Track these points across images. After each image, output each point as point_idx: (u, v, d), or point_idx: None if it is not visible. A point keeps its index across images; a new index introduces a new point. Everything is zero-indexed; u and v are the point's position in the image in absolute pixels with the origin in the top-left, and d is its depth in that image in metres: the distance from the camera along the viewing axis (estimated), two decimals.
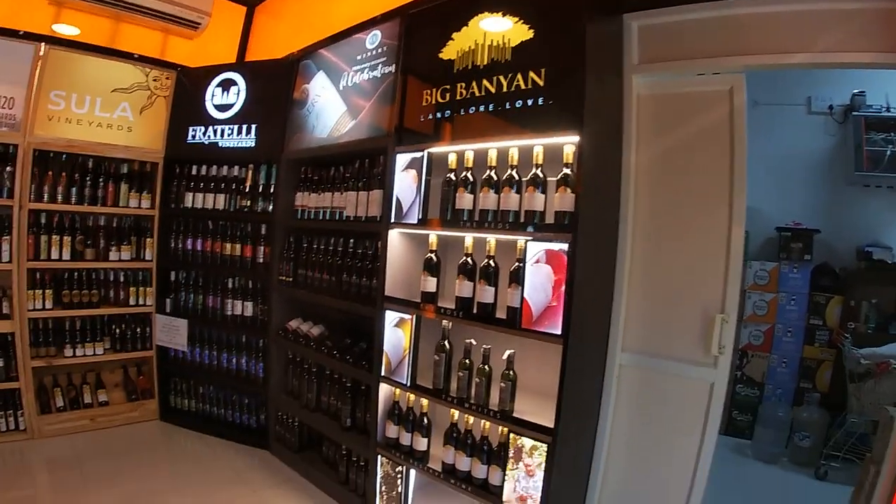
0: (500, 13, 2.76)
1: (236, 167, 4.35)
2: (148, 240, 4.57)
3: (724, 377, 2.62)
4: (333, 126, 3.70)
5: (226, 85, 4.38)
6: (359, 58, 3.58)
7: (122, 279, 4.49)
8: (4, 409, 4.00)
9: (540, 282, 2.48)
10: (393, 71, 3.30)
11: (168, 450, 4.19)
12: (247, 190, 4.24)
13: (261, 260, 4.19)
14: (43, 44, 4.04)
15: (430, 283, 2.96)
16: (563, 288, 2.40)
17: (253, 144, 4.23)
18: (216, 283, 4.41)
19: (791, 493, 2.35)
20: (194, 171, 4.48)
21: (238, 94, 4.31)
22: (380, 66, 3.42)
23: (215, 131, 4.40)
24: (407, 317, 3.07)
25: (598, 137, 2.53)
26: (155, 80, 4.54)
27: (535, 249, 2.49)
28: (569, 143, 2.44)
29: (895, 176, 4.97)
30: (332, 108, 3.74)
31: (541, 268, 2.48)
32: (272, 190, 4.14)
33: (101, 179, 4.36)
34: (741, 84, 2.60)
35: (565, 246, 2.40)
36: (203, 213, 4.41)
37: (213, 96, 4.42)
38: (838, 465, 4.32)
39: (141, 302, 4.55)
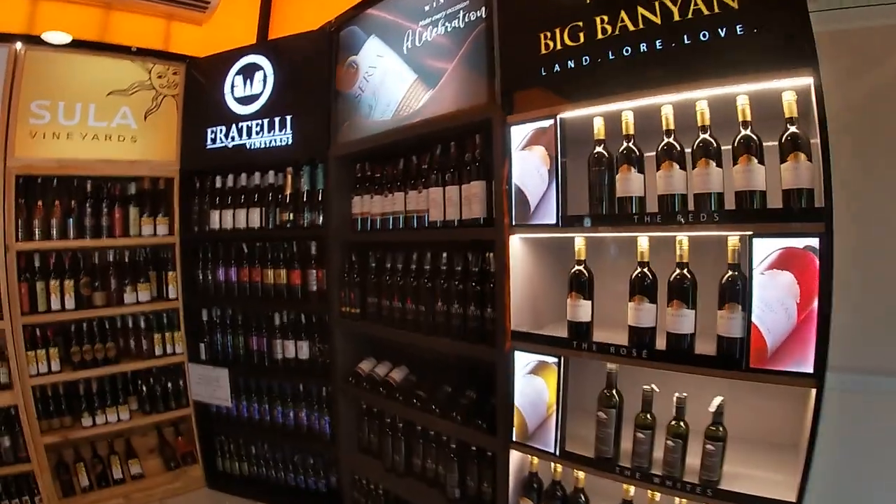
0: None
1: (271, 173, 3.56)
2: (170, 274, 3.87)
3: None
4: (401, 103, 2.85)
5: (248, 72, 3.61)
6: (427, 8, 2.74)
7: (143, 325, 3.81)
8: (18, 496, 3.36)
9: (777, 297, 1.71)
10: (485, 14, 2.47)
11: None
12: (287, 200, 3.43)
13: (314, 287, 3.37)
14: (18, 44, 3.35)
15: (583, 310, 2.12)
16: (816, 304, 1.65)
17: (290, 141, 3.42)
18: (259, 321, 3.66)
19: None
20: (219, 184, 3.75)
21: (264, 80, 3.54)
22: (461, 12, 2.58)
23: (240, 130, 3.61)
24: (549, 360, 2.22)
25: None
26: (160, 77, 3.81)
27: (767, 249, 1.71)
28: (791, 87, 1.70)
29: None
30: (395, 81, 2.89)
31: (777, 277, 1.70)
32: (320, 197, 3.32)
33: (104, 205, 3.66)
34: None
35: (814, 241, 1.65)
36: (235, 235, 3.66)
37: (234, 87, 3.66)
38: None
39: (169, 350, 3.86)
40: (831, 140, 1.65)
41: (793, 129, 1.70)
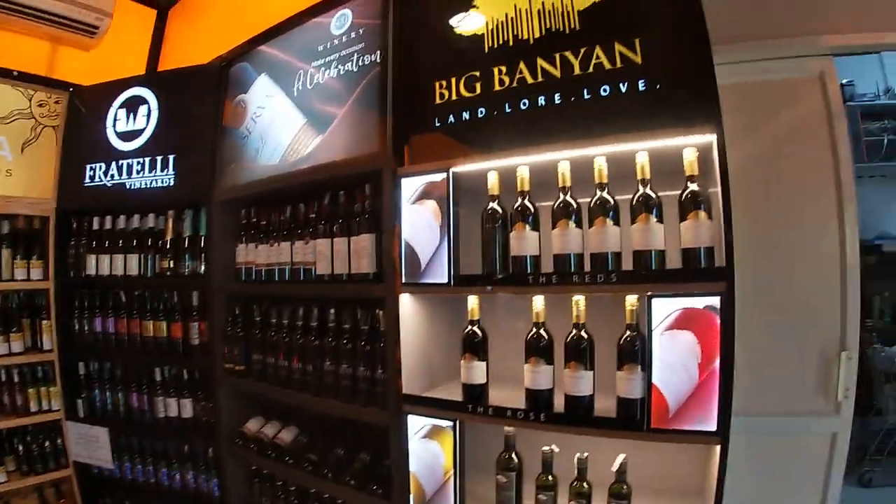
0: None
1: (152, 216, 3.27)
2: (44, 322, 3.49)
3: (847, 425, 2.32)
4: (289, 147, 2.67)
5: (132, 105, 3.33)
6: (321, 48, 2.60)
7: (15, 378, 3.45)
8: None
9: (678, 357, 1.68)
10: (379, 59, 2.35)
11: None
12: (168, 246, 3.16)
13: (196, 341, 3.10)
14: None
15: (478, 371, 2.02)
16: (717, 363, 1.64)
17: (172, 182, 3.15)
18: (140, 376, 3.32)
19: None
20: (96, 225, 3.39)
21: (148, 115, 3.28)
22: (355, 55, 2.45)
23: (121, 168, 3.32)
24: (444, 424, 2.09)
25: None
26: (41, 106, 3.52)
27: (666, 309, 1.68)
28: (692, 144, 1.69)
29: (892, 165, 4.92)
30: (284, 123, 2.71)
31: (678, 337, 1.67)
32: (202, 244, 3.08)
33: None
34: (832, 69, 2.30)
35: (714, 301, 1.62)
36: (113, 282, 3.33)
37: (117, 121, 3.36)
38: (881, 470, 4.30)
39: (45, 406, 3.49)
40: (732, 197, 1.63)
41: (693, 186, 1.69)
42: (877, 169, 4.96)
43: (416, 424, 2.16)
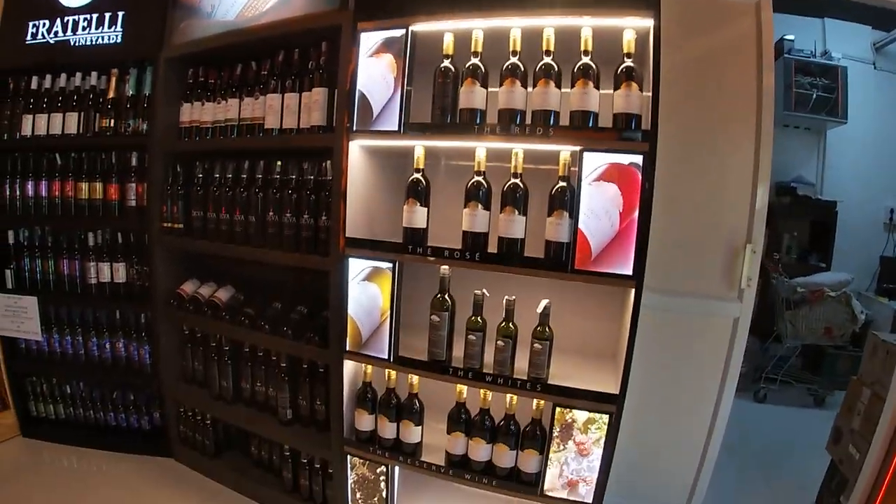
0: None
1: (94, 74, 3.09)
2: None
3: (748, 311, 2.48)
4: (246, 4, 2.61)
5: None
6: None
7: None
8: None
9: (602, 206, 1.87)
10: None
11: (37, 473, 3.10)
12: (109, 105, 3.03)
13: (133, 203, 3.02)
14: None
15: (419, 216, 2.12)
16: (636, 214, 1.84)
17: (119, 39, 3.00)
18: (72, 241, 3.21)
19: (735, 416, 2.60)
20: (35, 85, 3.19)
21: None
22: None
23: (65, 25, 3.11)
24: (384, 265, 2.18)
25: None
26: None
27: (596, 163, 1.86)
28: (631, 27, 1.86)
29: (816, 117, 5.34)
30: None
31: (604, 188, 1.86)
32: (146, 104, 2.97)
33: None
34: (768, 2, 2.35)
35: (638, 159, 1.82)
36: (48, 143, 3.13)
37: None
38: (776, 388, 4.74)
39: None
40: (662, 76, 1.79)
41: (629, 62, 1.84)
42: (801, 120, 5.41)
43: (357, 267, 2.24)
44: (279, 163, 2.49)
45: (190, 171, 2.85)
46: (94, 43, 3.06)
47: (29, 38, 3.20)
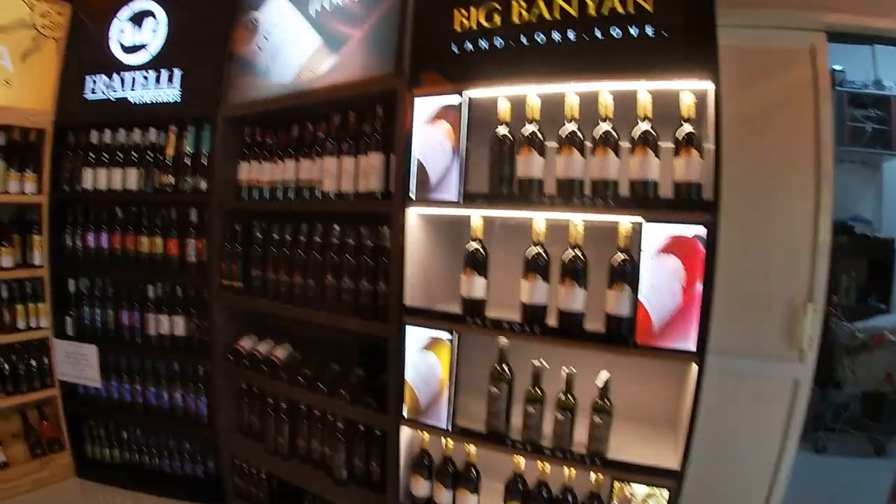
0: None
1: (153, 131, 3.22)
2: (35, 237, 3.43)
3: (809, 372, 2.41)
4: (303, 66, 2.67)
5: (139, 18, 3.26)
6: None
7: (3, 294, 3.34)
8: None
9: (664, 280, 1.81)
10: None
11: None
12: (169, 162, 3.13)
13: (193, 258, 3.11)
14: None
15: (478, 286, 2.11)
16: (700, 287, 1.78)
17: (177, 98, 3.12)
18: (132, 293, 3.32)
19: (796, 469, 2.49)
20: (95, 139, 3.34)
21: (156, 29, 3.20)
22: None
23: (124, 81, 3.26)
24: (443, 335, 2.18)
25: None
26: (43, 16, 3.39)
27: (657, 235, 1.81)
28: (690, 89, 1.83)
29: (872, 151, 5.07)
30: (298, 42, 2.70)
31: (665, 260, 1.81)
32: (205, 161, 3.07)
33: None
34: (823, 45, 2.35)
35: (701, 230, 1.76)
36: (109, 197, 3.29)
37: (122, 34, 3.29)
38: (835, 437, 4.45)
39: (33, 324, 3.42)
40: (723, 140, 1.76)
41: (688, 127, 1.80)
42: (856, 154, 5.14)
43: (416, 336, 2.24)
44: (336, 227, 2.53)
45: (248, 229, 2.91)
46: (152, 100, 3.19)
47: (88, 93, 3.38)
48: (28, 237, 3.42)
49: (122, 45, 3.29)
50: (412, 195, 2.22)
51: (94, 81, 3.35)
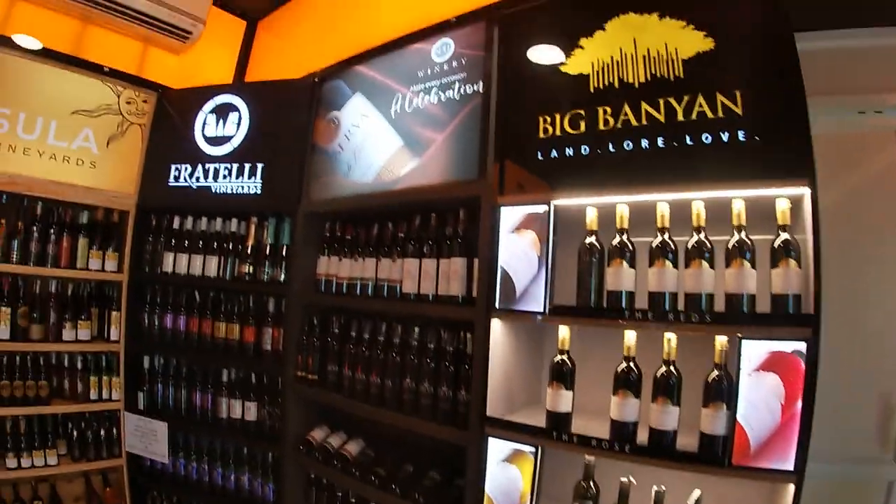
0: (656, 13, 1.99)
1: (234, 221, 3.37)
2: (114, 313, 3.55)
3: None
4: (383, 167, 2.75)
5: (222, 111, 3.44)
6: (420, 74, 2.69)
7: (79, 365, 3.48)
8: None
9: (763, 398, 1.72)
10: (482, 90, 2.44)
11: None
12: (249, 251, 3.24)
13: (269, 347, 3.16)
14: None
15: (564, 400, 2.05)
16: (799, 405, 1.68)
17: (258, 190, 3.24)
18: (206, 375, 3.39)
19: None
20: (177, 224, 3.50)
21: (239, 123, 3.37)
22: (457, 83, 2.54)
23: (206, 172, 3.41)
24: (526, 449, 2.12)
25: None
26: (128, 103, 3.60)
27: (755, 351, 1.72)
28: (784, 196, 1.77)
29: None
30: (379, 143, 2.80)
31: (763, 378, 1.72)
32: (284, 252, 3.16)
33: (52, 230, 3.37)
34: None
35: (801, 346, 1.67)
36: (189, 281, 3.42)
37: (206, 126, 3.47)
38: None
39: (105, 395, 3.51)
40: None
41: (785, 235, 1.75)
42: None
43: (497, 447, 2.19)
44: (416, 329, 2.52)
45: (325, 323, 2.94)
46: (233, 192, 3.31)
47: (171, 180, 3.53)
48: (107, 313, 3.54)
49: (205, 137, 3.45)
50: (497, 305, 2.20)
51: (178, 169, 3.50)
